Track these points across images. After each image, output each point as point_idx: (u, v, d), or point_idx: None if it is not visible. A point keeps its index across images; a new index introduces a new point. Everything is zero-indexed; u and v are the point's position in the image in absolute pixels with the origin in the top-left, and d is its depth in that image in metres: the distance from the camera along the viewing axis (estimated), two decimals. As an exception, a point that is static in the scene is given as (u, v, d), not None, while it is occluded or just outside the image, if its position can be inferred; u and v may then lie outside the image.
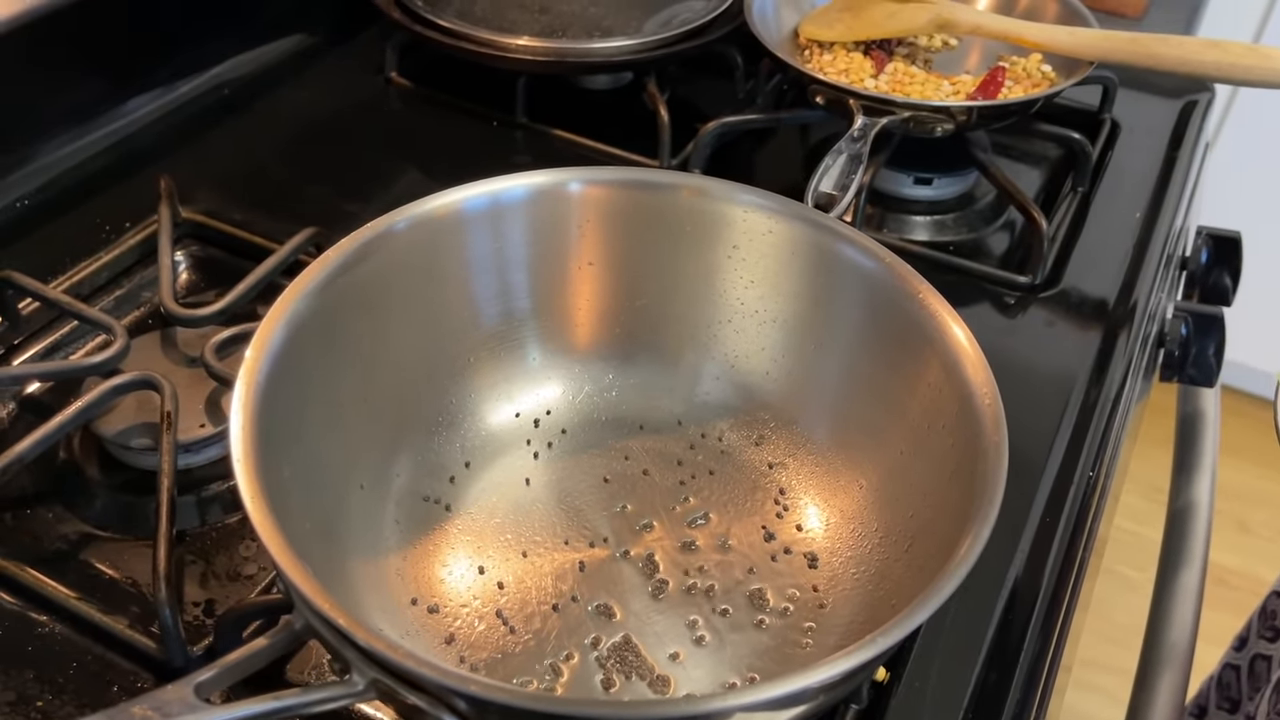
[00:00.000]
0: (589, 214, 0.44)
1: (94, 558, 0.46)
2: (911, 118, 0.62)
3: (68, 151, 0.65)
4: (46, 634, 0.43)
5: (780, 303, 0.46)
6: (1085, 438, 0.54)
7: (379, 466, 0.42)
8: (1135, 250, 0.66)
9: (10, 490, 0.48)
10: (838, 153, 0.55)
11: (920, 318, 0.41)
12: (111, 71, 0.67)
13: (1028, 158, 0.75)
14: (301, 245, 0.57)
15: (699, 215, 0.45)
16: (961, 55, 0.73)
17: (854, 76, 0.68)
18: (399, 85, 0.75)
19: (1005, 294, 0.62)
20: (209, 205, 0.63)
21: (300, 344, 0.38)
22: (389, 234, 0.41)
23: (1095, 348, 0.59)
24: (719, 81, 0.77)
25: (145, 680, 0.41)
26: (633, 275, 0.46)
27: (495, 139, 0.71)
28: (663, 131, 0.68)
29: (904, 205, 0.69)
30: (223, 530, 0.48)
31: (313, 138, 0.70)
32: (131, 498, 0.49)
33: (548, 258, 0.45)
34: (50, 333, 0.56)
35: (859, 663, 0.31)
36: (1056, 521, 0.50)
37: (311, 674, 0.41)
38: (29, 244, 0.60)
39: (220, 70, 0.73)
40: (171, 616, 0.41)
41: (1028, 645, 0.45)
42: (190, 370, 0.52)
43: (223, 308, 0.53)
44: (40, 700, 0.40)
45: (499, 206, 0.43)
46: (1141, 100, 0.78)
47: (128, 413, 0.50)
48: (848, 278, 0.44)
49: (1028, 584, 0.47)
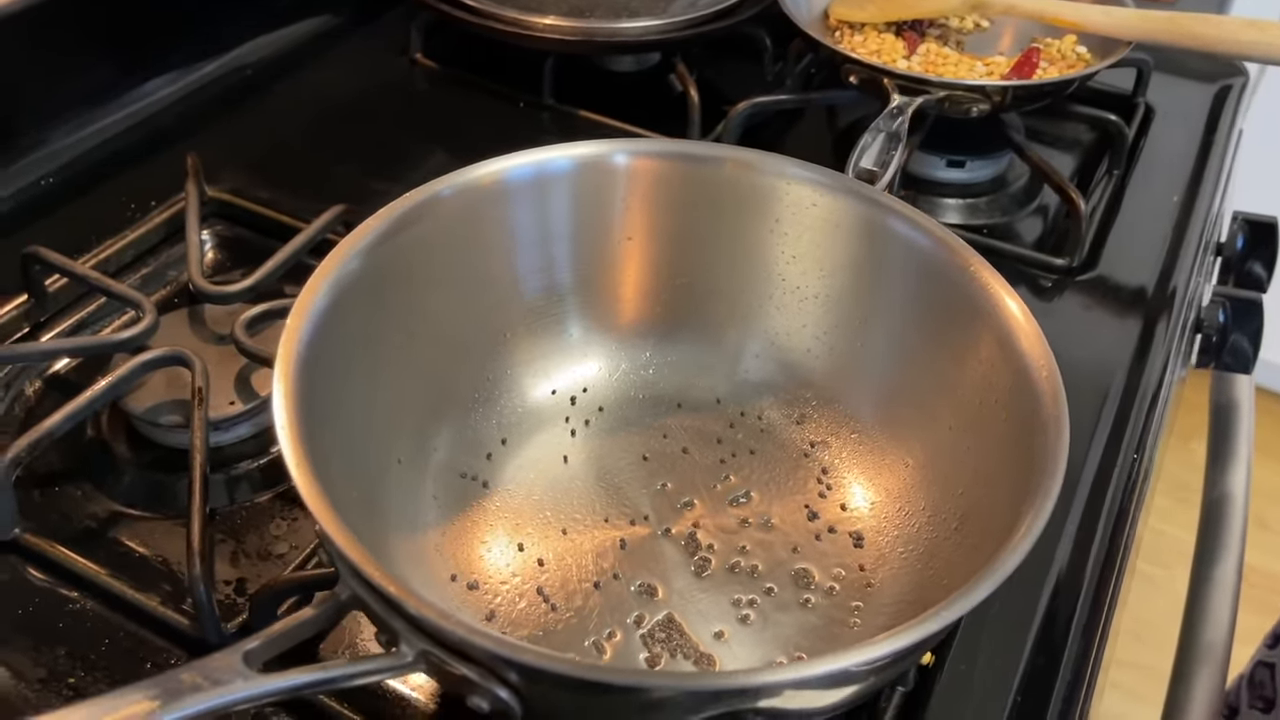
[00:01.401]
0: (634, 186, 0.43)
1: (123, 535, 0.45)
2: (947, 98, 0.61)
3: (91, 130, 0.64)
4: (78, 610, 0.42)
5: (824, 278, 0.45)
6: (1127, 424, 0.53)
7: (417, 441, 0.42)
8: (1174, 235, 0.65)
9: (39, 467, 0.47)
10: (876, 130, 0.54)
11: (971, 291, 0.40)
12: (133, 51, 0.66)
13: (1060, 142, 0.74)
14: (330, 223, 0.56)
15: (742, 188, 0.44)
16: (993, 37, 0.72)
17: (886, 57, 0.67)
18: (424, 66, 0.74)
19: (1041, 276, 0.61)
20: (234, 184, 0.62)
21: (342, 310, 0.37)
22: (433, 201, 0.41)
23: (1134, 333, 0.58)
24: (743, 64, 0.76)
25: (178, 657, 0.41)
26: (674, 250, 0.45)
27: (522, 120, 0.71)
28: (693, 111, 0.67)
29: (936, 188, 0.68)
30: (252, 509, 0.47)
31: (337, 118, 0.70)
32: (160, 475, 0.48)
33: (591, 230, 0.44)
34: (76, 310, 0.55)
35: (914, 640, 0.30)
36: (1099, 509, 0.49)
37: (345, 653, 0.41)
38: (54, 222, 0.59)
39: (243, 50, 0.72)
40: (206, 593, 0.40)
41: (1074, 632, 0.44)
42: (219, 348, 0.52)
43: (252, 284, 0.52)
44: (72, 677, 0.40)
45: (543, 177, 0.42)
46: (1175, 84, 0.77)
47: (156, 390, 0.49)
48: (895, 251, 0.43)
49: (1072, 571, 0.46)
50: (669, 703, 0.30)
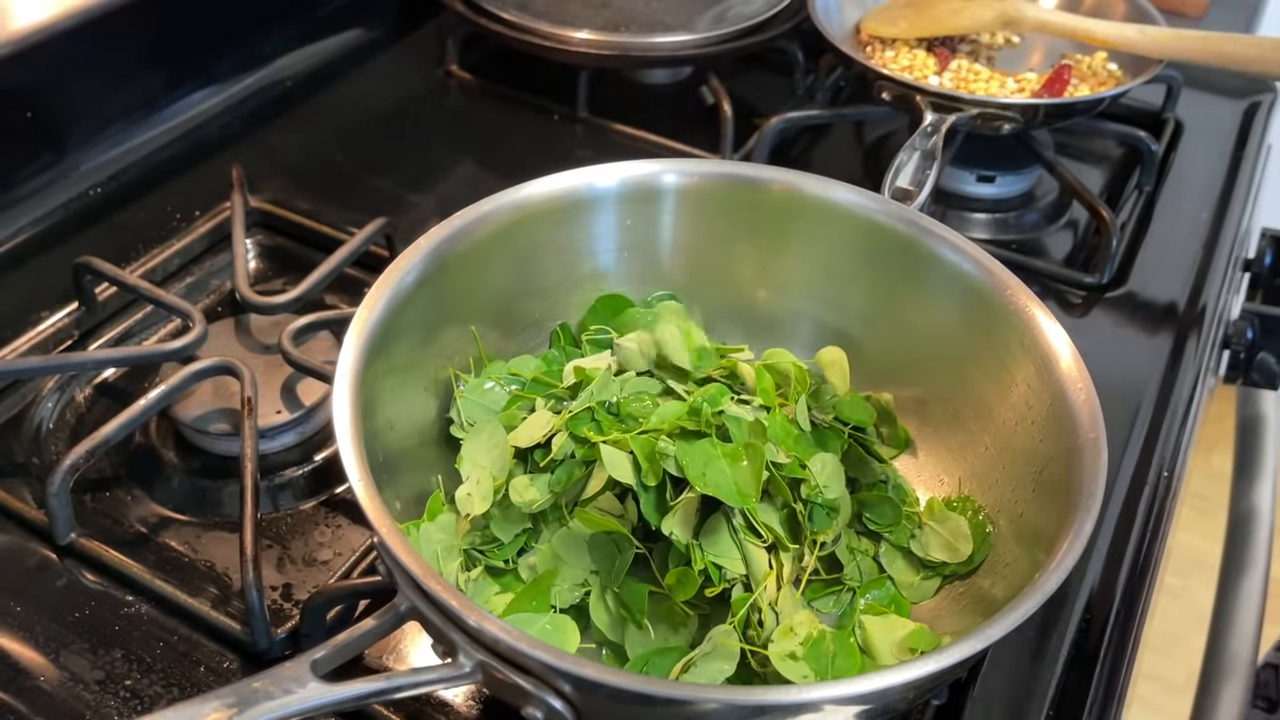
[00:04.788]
0: (681, 203, 0.44)
1: (173, 540, 0.46)
2: (980, 115, 0.62)
3: (136, 143, 0.66)
4: (133, 614, 0.43)
5: (864, 299, 0.46)
6: (1157, 441, 0.53)
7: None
8: (1204, 251, 0.65)
9: (90, 473, 0.48)
10: (911, 148, 0.55)
11: (1011, 315, 0.41)
12: (176, 65, 0.68)
13: (1089, 157, 0.74)
14: (373, 235, 0.57)
15: (787, 209, 0.45)
16: (1024, 53, 0.72)
17: (917, 73, 0.67)
18: (459, 78, 0.75)
19: (1070, 293, 0.62)
20: (275, 195, 0.63)
21: (396, 326, 0.38)
22: (481, 220, 0.42)
23: (1164, 350, 0.58)
24: (771, 78, 0.77)
25: (231, 661, 0.42)
26: (719, 263, 0.46)
27: (556, 132, 0.71)
28: (725, 125, 0.68)
29: (966, 203, 0.68)
30: (297, 516, 0.48)
31: (374, 129, 0.71)
32: (208, 482, 0.49)
33: (639, 249, 0.45)
34: (123, 319, 0.56)
35: (953, 661, 0.31)
36: (1130, 525, 0.49)
37: (390, 658, 0.42)
38: (100, 231, 0.61)
39: (282, 63, 0.73)
40: (258, 599, 0.41)
41: (1106, 648, 0.44)
42: (264, 357, 0.53)
43: (297, 295, 0.53)
44: (129, 679, 0.41)
45: (594, 194, 0.43)
46: (1204, 100, 0.77)
47: (204, 398, 0.50)
48: (937, 275, 0.43)
49: (1104, 587, 0.46)
50: (716, 715, 0.31)
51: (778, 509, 0.38)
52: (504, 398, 0.42)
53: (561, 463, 0.39)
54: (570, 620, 0.37)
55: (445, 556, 0.37)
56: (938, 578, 0.41)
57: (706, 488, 0.36)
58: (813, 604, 0.40)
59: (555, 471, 0.39)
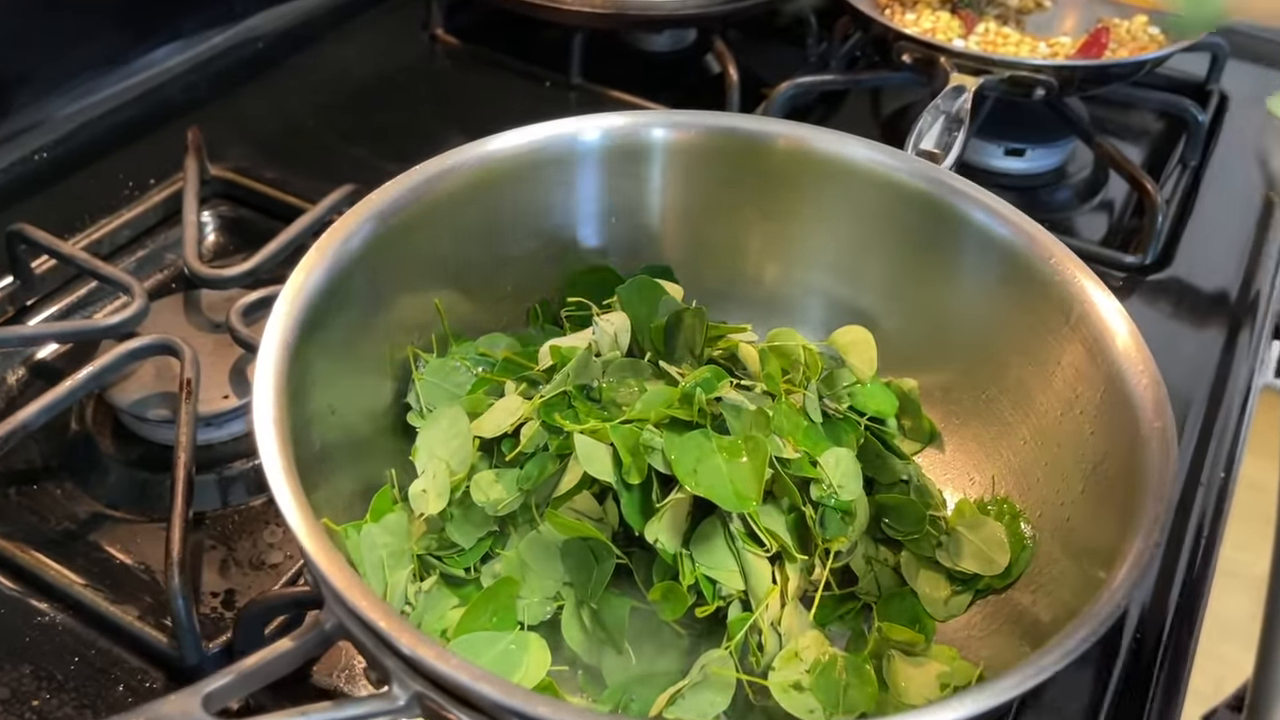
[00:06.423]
0: (673, 162, 0.39)
1: (104, 540, 0.42)
2: (1010, 77, 0.56)
3: (90, 103, 0.61)
4: (47, 624, 0.38)
5: (885, 268, 0.40)
6: (1210, 440, 0.48)
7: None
8: (1256, 233, 0.59)
9: (16, 463, 0.44)
10: (936, 110, 0.49)
11: (1054, 286, 0.35)
12: (136, 19, 0.63)
13: (1125, 133, 0.68)
14: (337, 204, 0.52)
15: (795, 168, 0.40)
16: (1055, 17, 0.67)
17: (942, 36, 0.62)
18: (445, 43, 0.70)
19: (1111, 275, 0.56)
20: (240, 163, 0.58)
21: (339, 296, 0.33)
22: (446, 174, 0.36)
23: (1216, 340, 0.53)
24: (781, 47, 0.72)
25: (154, 679, 0.37)
26: (719, 231, 0.41)
27: (548, 100, 0.67)
28: (731, 90, 0.63)
29: (993, 178, 0.63)
30: (246, 513, 0.43)
31: (352, 96, 0.66)
32: (147, 474, 0.44)
33: (626, 209, 0.39)
34: (66, 294, 0.51)
35: (994, 704, 0.26)
36: (1184, 531, 0.44)
37: (341, 676, 0.37)
38: (45, 199, 0.56)
39: (255, 21, 0.68)
40: (185, 608, 0.36)
41: (1162, 663, 0.39)
42: (215, 336, 0.48)
43: (250, 268, 0.48)
44: (36, 699, 0.36)
45: (575, 150, 0.38)
46: (1251, 71, 0.71)
47: (145, 381, 0.45)
48: (967, 240, 0.38)
49: (1157, 599, 0.41)
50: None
51: (783, 512, 0.33)
52: (469, 380, 0.37)
53: (532, 456, 0.34)
54: (539, 639, 0.32)
55: (392, 564, 0.32)
56: (969, 592, 0.35)
57: (698, 488, 0.31)
58: (823, 624, 0.34)
59: (525, 466, 0.34)
